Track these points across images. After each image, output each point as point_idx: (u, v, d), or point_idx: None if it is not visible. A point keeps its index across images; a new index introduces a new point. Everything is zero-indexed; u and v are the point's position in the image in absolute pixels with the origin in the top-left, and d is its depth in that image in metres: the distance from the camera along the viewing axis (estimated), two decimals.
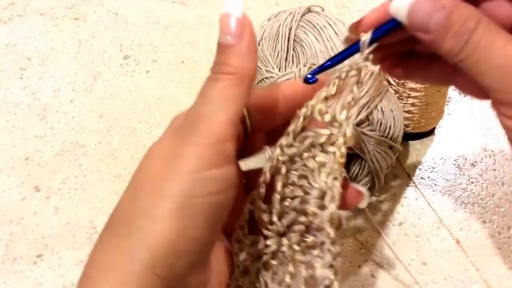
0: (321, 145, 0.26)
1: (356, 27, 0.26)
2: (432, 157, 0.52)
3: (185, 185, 0.22)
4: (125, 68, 0.61)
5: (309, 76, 0.27)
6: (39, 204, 0.49)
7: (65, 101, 0.58)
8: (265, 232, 0.27)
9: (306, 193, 0.27)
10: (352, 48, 0.26)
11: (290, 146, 0.26)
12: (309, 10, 0.54)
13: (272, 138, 0.28)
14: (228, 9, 0.24)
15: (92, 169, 0.51)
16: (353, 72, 0.26)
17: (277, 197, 0.27)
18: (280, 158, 0.26)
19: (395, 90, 0.49)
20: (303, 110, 0.26)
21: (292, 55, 0.51)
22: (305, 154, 0.26)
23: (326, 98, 0.26)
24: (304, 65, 0.47)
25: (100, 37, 0.65)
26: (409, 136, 0.51)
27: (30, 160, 0.52)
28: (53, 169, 0.51)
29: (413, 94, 0.48)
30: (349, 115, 0.25)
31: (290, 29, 0.51)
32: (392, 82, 0.49)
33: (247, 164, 0.28)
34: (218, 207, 0.23)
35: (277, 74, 0.49)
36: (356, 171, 0.44)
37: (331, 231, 0.25)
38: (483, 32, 0.22)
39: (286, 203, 0.27)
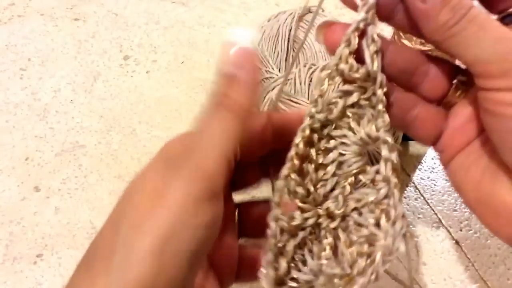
0: (354, 104, 0.25)
1: None
2: (432, 157, 0.52)
3: (170, 220, 0.21)
4: (125, 68, 0.61)
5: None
6: (39, 204, 0.49)
7: (65, 102, 0.58)
8: (301, 205, 0.26)
9: (342, 154, 0.26)
10: None
11: (319, 112, 0.25)
12: (309, 11, 0.54)
13: (264, 165, 0.27)
14: (235, 38, 0.24)
15: (92, 169, 0.51)
16: (369, 22, 0.24)
17: (311, 166, 0.26)
18: (310, 126, 0.25)
19: None
20: (325, 72, 0.25)
21: (292, 56, 0.51)
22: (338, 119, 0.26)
23: (351, 53, 0.24)
24: (304, 66, 0.47)
25: (100, 38, 0.65)
26: (409, 136, 0.51)
27: (30, 160, 0.52)
28: (53, 169, 0.51)
29: None
30: (379, 65, 0.24)
31: (290, 30, 0.51)
32: None
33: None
34: (202, 244, 0.22)
35: (277, 75, 0.49)
36: None
37: (394, 179, 0.24)
38: (480, 10, 0.22)
39: (321, 172, 0.26)
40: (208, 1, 0.69)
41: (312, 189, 0.26)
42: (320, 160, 0.26)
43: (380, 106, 0.25)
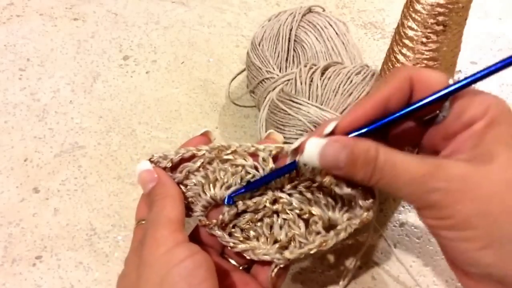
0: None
1: (296, 151, 0.30)
2: None
3: None
4: (124, 68, 0.61)
5: (226, 199, 0.33)
6: (38, 205, 0.49)
7: (64, 102, 0.57)
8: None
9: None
10: (283, 171, 0.31)
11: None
12: (309, 10, 0.54)
13: None
14: (142, 167, 0.33)
15: (92, 170, 0.51)
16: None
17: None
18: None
19: None
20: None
21: (293, 56, 0.51)
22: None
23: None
24: (305, 66, 0.46)
25: (100, 38, 0.65)
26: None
27: (29, 161, 0.52)
28: (52, 170, 0.51)
29: None
30: None
31: (291, 30, 0.51)
32: None
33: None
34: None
35: (278, 75, 0.49)
36: None
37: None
38: (384, 157, 0.26)
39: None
40: (208, 1, 0.69)
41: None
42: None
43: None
